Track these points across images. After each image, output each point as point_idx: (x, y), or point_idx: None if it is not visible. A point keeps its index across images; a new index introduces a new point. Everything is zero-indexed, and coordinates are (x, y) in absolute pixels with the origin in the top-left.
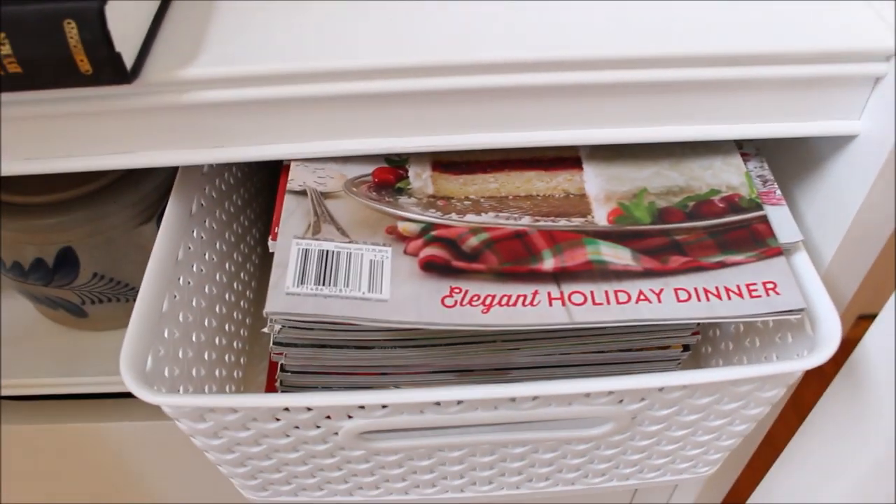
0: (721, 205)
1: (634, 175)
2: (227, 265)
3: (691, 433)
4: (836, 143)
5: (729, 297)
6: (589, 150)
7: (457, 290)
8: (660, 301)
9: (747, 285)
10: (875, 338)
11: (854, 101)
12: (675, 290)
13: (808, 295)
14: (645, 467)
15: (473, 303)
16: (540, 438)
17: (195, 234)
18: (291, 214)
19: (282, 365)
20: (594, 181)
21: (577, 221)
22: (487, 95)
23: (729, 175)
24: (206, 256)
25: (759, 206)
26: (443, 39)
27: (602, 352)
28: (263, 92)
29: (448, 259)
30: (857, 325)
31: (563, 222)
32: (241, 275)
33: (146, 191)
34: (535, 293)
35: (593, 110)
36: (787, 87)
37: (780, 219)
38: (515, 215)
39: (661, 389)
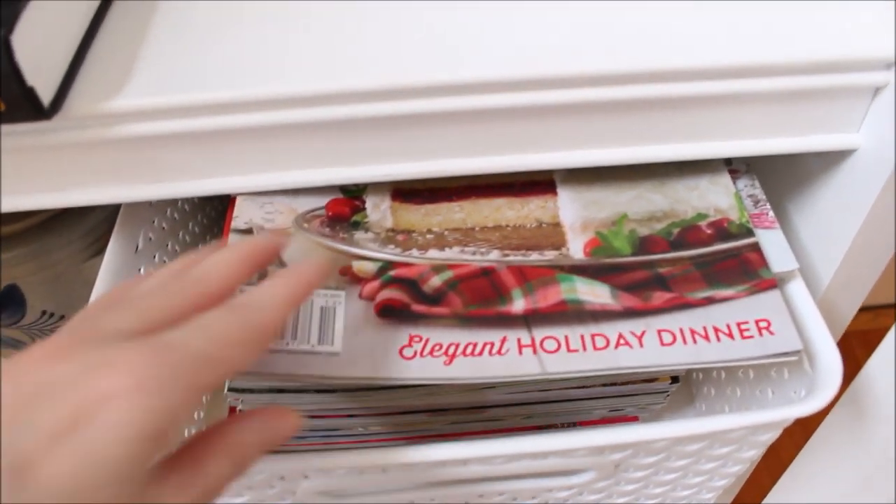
0: (708, 231)
1: (614, 199)
2: None
3: (681, 476)
4: (834, 158)
5: (718, 339)
6: (564, 173)
7: (417, 339)
8: (641, 345)
9: (738, 324)
10: (879, 363)
11: (852, 113)
12: (659, 331)
13: (806, 330)
14: None
15: (435, 353)
16: (515, 489)
17: (142, 271)
18: None
19: (239, 410)
20: (570, 207)
21: (550, 255)
22: (450, 119)
23: (717, 197)
24: None
25: (750, 232)
26: (395, 59)
27: (584, 387)
28: (200, 123)
29: (407, 303)
30: (857, 317)
31: (534, 256)
32: None
33: (93, 223)
34: (504, 340)
35: (569, 131)
36: (780, 100)
37: (773, 245)
38: (482, 249)
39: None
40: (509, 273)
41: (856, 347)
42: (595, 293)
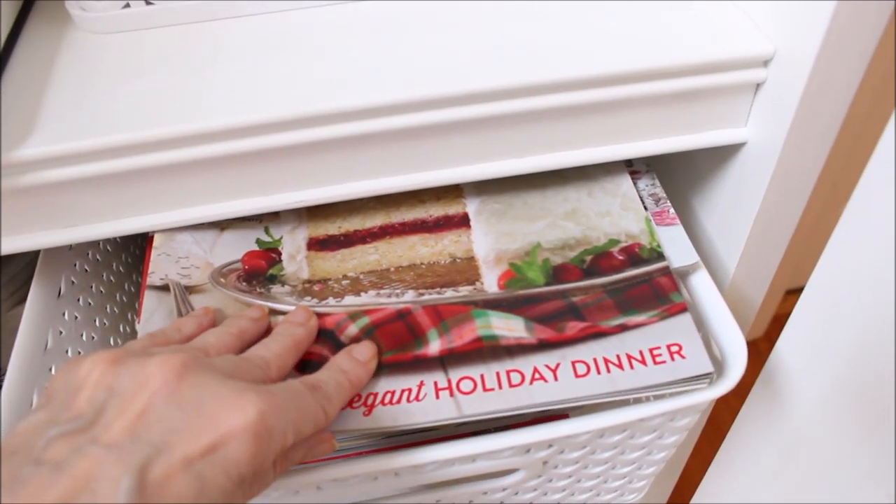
0: (620, 257)
1: (527, 229)
2: (112, 340)
3: (610, 468)
4: (727, 152)
5: (631, 366)
6: (477, 206)
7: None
8: (556, 379)
9: (650, 350)
10: (788, 344)
11: (738, 109)
12: (573, 363)
13: (712, 318)
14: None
15: (354, 404)
16: (450, 496)
17: (66, 315)
18: (153, 314)
19: None
20: (483, 240)
21: (464, 290)
22: (354, 143)
23: (628, 222)
24: (84, 337)
25: (660, 256)
26: (297, 91)
27: None
28: (110, 165)
29: (325, 355)
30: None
31: (449, 293)
32: None
33: (14, 272)
34: (421, 385)
35: (475, 145)
36: (670, 102)
37: (674, 240)
38: (398, 291)
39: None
40: (425, 313)
41: None
42: (510, 327)
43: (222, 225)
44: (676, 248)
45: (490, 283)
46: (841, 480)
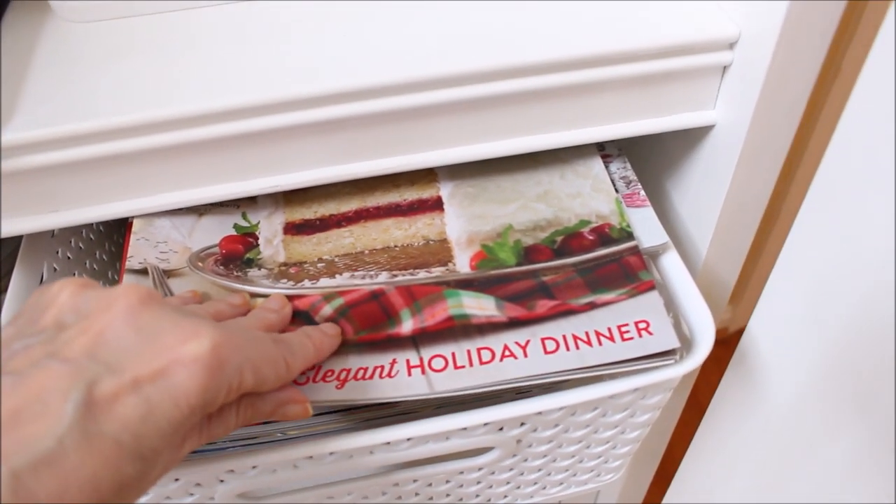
0: (591, 237)
1: (499, 212)
2: None
3: (584, 447)
4: (697, 135)
5: (600, 343)
6: (451, 190)
7: (309, 367)
8: (526, 355)
9: (619, 327)
10: (759, 324)
11: (706, 92)
12: (543, 339)
13: (681, 296)
14: (546, 484)
15: (327, 378)
16: (427, 475)
17: None
18: None
19: None
20: (455, 223)
21: (437, 271)
22: (330, 127)
23: (598, 203)
24: None
25: (630, 236)
26: (272, 75)
27: None
28: (88, 151)
29: None
30: None
31: (422, 274)
32: None
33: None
34: (394, 362)
35: (447, 129)
36: (638, 85)
37: (644, 222)
38: (372, 272)
39: (539, 414)
40: (398, 294)
41: None
42: (481, 306)
43: (201, 210)
44: (646, 229)
45: (462, 264)
46: (818, 457)
